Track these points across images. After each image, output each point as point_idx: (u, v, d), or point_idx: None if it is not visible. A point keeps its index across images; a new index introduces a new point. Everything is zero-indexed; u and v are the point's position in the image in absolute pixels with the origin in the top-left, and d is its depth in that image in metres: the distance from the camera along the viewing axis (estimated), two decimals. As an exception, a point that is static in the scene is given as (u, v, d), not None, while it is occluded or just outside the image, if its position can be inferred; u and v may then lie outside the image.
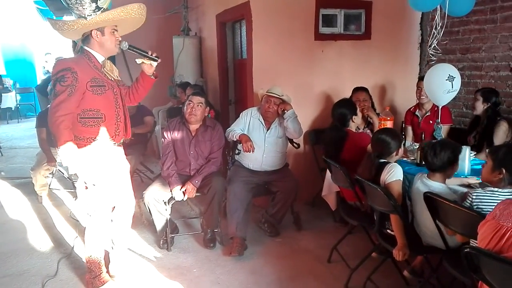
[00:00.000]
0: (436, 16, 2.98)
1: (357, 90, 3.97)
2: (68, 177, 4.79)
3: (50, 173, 4.52)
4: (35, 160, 4.53)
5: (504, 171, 1.94)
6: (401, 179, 2.54)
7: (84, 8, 2.21)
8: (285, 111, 3.52)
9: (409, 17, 4.51)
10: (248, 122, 3.61)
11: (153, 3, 6.40)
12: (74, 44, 6.17)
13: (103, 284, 2.73)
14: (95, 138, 2.49)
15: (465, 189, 2.32)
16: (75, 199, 4.33)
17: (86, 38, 2.48)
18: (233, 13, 4.45)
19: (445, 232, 2.23)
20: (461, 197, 2.21)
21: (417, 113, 3.91)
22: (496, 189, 1.97)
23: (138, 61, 2.60)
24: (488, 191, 1.97)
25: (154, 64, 2.61)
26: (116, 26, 2.51)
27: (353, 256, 3.06)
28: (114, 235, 2.82)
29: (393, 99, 4.64)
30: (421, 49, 4.66)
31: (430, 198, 2.13)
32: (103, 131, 2.50)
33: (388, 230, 2.56)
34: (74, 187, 4.31)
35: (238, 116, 3.73)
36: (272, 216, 3.60)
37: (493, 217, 1.56)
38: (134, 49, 2.55)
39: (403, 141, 2.97)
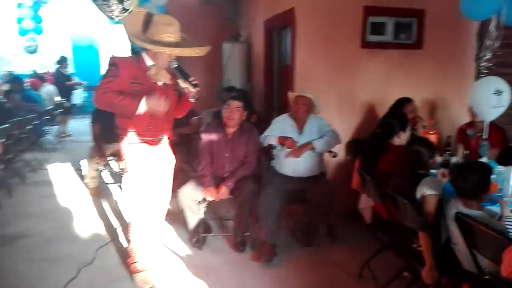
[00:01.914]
0: (491, 26, 2.79)
1: (406, 101, 3.79)
2: (117, 172, 5.04)
3: (100, 167, 4.78)
4: (87, 154, 4.81)
5: None
6: (438, 194, 2.42)
7: (111, 10, 2.34)
8: (311, 150, 3.46)
9: (465, 27, 4.27)
10: (280, 128, 3.59)
11: (207, 9, 6.64)
12: (132, 49, 6.53)
13: (136, 273, 2.90)
14: (128, 130, 2.68)
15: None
16: (122, 192, 4.54)
17: None
18: (279, 20, 4.48)
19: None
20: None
21: (468, 131, 3.69)
22: None
23: (181, 83, 2.68)
24: None
25: (192, 89, 2.67)
26: None
27: (386, 273, 2.94)
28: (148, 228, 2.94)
29: (444, 113, 4.40)
30: (477, 62, 4.39)
31: (461, 220, 2.00)
32: (134, 124, 2.68)
33: (416, 246, 2.43)
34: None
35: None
36: (305, 225, 3.55)
37: (518, 244, 1.43)
38: (179, 71, 2.66)
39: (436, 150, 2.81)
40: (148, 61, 2.65)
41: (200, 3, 6.61)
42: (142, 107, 2.51)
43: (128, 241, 2.95)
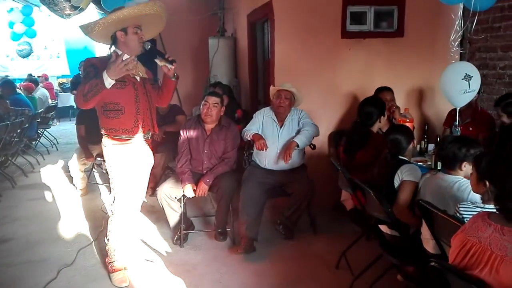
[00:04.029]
0: (459, 10, 2.75)
1: (382, 89, 3.78)
2: (106, 171, 5.04)
3: (86, 168, 4.79)
4: (73, 155, 4.81)
5: (487, 183, 1.62)
6: (417, 182, 2.43)
7: (60, 8, 2.32)
8: (296, 148, 3.41)
9: (447, 13, 4.19)
10: (261, 121, 3.59)
11: (195, 5, 6.61)
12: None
13: (113, 272, 2.89)
14: (116, 129, 2.65)
15: None
16: (110, 193, 4.54)
17: (114, 40, 2.63)
18: (260, 13, 4.45)
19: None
20: None
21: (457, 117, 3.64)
22: (484, 205, 1.75)
23: (158, 62, 2.66)
24: (476, 206, 1.78)
25: (170, 66, 2.66)
26: (139, 26, 2.61)
27: (365, 263, 2.93)
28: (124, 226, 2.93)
29: (429, 100, 4.35)
30: (462, 48, 4.32)
31: (423, 207, 1.97)
32: (122, 122, 2.64)
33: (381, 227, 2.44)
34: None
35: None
36: (287, 218, 3.54)
37: (462, 230, 1.41)
38: (154, 50, 2.67)
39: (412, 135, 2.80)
40: (124, 56, 2.53)
41: (187, -2, 6.59)
42: (108, 79, 2.42)
43: (107, 240, 2.95)
